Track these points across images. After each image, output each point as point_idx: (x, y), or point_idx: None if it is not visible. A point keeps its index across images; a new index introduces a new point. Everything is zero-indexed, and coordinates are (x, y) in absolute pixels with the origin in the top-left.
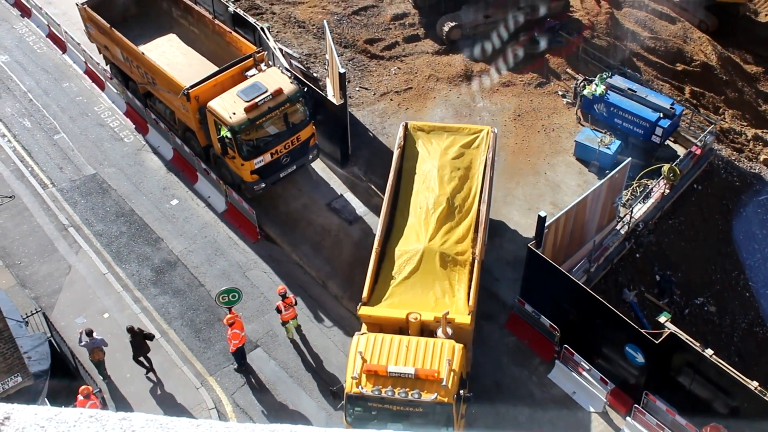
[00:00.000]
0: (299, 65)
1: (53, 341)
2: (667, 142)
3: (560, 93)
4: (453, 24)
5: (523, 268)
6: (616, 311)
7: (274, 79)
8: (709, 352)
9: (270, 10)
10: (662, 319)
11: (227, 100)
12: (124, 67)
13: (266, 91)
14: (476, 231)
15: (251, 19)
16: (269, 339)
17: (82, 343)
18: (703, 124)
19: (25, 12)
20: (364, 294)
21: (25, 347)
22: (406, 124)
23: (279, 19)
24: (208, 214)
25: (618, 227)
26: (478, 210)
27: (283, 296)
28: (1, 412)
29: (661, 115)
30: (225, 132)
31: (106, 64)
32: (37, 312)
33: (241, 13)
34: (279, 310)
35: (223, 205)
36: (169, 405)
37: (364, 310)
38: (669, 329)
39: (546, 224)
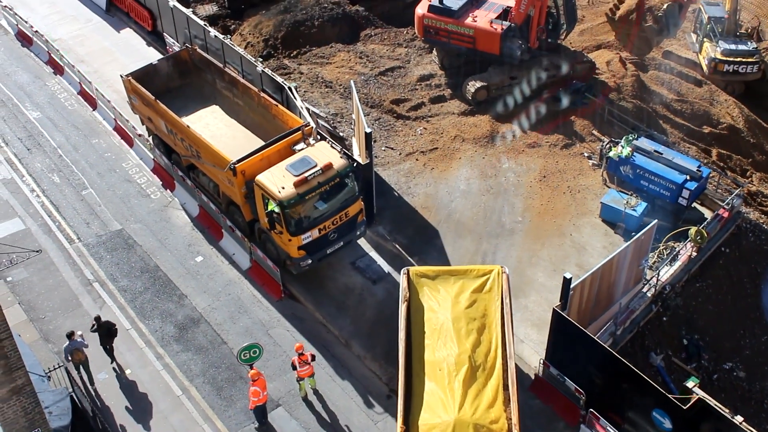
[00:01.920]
0: (326, 124)
1: (75, 396)
2: (694, 204)
3: (586, 154)
4: (479, 85)
5: (548, 331)
6: (642, 375)
7: (324, 154)
8: (738, 419)
9: (298, 69)
10: (690, 384)
11: (276, 174)
12: (167, 140)
13: (316, 166)
14: (506, 389)
15: (279, 79)
16: (291, 398)
17: (68, 346)
18: (731, 186)
19: (58, 69)
20: None
21: (46, 402)
22: (408, 271)
23: (306, 78)
24: (233, 271)
25: (644, 290)
26: (504, 365)
27: (300, 353)
28: None
29: (688, 178)
30: (273, 206)
31: (149, 136)
32: (59, 367)
33: (269, 72)
34: (294, 366)
35: (248, 262)
36: None
37: None
38: (697, 395)
39: (571, 286)
